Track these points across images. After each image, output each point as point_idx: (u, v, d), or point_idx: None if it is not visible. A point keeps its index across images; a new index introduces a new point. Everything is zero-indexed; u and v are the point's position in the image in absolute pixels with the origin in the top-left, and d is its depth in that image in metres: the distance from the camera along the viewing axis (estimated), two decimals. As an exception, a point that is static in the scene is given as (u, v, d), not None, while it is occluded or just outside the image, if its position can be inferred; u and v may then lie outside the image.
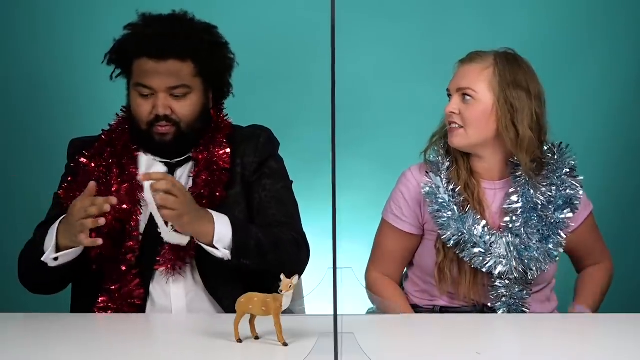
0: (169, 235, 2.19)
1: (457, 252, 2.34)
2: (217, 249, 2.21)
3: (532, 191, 2.36)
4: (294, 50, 3.44)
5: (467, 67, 2.37)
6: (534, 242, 2.34)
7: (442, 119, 2.43)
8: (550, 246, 2.35)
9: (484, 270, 2.33)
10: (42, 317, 2.24)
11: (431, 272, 2.41)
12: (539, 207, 2.36)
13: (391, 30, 3.44)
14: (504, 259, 2.32)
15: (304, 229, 2.43)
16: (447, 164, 2.39)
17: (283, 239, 2.31)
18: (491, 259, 2.32)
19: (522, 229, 2.34)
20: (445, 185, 2.37)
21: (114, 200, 2.14)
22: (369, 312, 2.53)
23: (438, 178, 2.38)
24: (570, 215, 2.38)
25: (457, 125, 2.36)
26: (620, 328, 2.08)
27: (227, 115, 2.46)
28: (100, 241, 2.13)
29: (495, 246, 2.33)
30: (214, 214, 2.23)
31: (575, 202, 2.38)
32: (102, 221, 2.11)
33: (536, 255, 2.33)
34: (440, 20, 3.43)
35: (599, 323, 2.15)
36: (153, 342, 2.05)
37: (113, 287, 2.27)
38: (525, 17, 3.45)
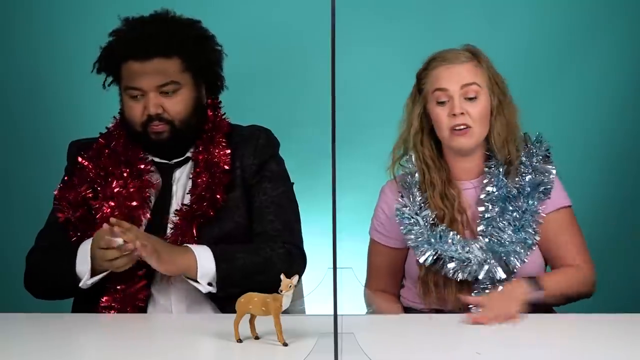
0: None
1: (438, 269, 2.31)
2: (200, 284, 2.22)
3: (505, 180, 2.34)
4: (294, 50, 3.44)
5: (459, 67, 2.33)
6: (507, 235, 2.30)
7: (400, 132, 2.42)
8: (524, 234, 2.30)
9: (468, 279, 2.30)
10: (42, 317, 2.24)
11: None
12: (512, 196, 2.32)
13: (391, 30, 3.43)
14: (484, 263, 2.28)
15: (305, 229, 2.43)
16: (417, 178, 2.38)
17: (272, 257, 2.30)
18: (471, 267, 2.28)
19: (498, 218, 2.31)
20: (419, 203, 2.36)
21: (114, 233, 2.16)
22: (369, 312, 2.53)
23: (406, 198, 2.37)
24: (541, 199, 2.33)
25: (464, 127, 2.32)
26: (620, 328, 2.08)
27: (224, 114, 2.45)
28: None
29: (471, 254, 2.29)
30: (195, 247, 2.22)
31: (547, 187, 2.34)
32: (134, 258, 2.18)
33: (512, 247, 2.29)
34: (440, 20, 3.42)
35: (599, 323, 2.15)
36: (153, 342, 2.05)
37: (118, 287, 2.27)
38: (526, 17, 3.45)
